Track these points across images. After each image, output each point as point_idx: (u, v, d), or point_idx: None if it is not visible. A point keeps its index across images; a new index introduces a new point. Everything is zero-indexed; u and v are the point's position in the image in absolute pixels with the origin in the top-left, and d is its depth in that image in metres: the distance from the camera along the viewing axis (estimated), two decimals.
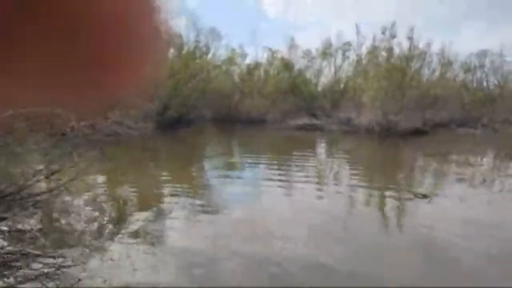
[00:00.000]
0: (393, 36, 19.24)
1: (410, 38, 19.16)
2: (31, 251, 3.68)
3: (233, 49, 33.52)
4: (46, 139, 7.09)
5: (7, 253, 3.70)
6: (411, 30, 19.08)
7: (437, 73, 28.44)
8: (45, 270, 3.64)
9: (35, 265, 3.64)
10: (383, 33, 19.61)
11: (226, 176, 9.16)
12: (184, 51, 23.99)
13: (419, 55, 24.67)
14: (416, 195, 6.46)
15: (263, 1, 60.22)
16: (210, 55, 27.12)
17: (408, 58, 19.17)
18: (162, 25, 0.22)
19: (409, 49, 19.35)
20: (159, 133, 16.80)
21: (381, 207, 6.19)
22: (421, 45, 23.87)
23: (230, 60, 33.21)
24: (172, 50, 24.13)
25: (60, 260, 3.79)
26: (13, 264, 3.46)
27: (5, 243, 3.78)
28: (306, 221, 5.41)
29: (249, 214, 5.78)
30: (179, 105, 20.93)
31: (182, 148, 14.80)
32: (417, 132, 18.93)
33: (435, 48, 31.18)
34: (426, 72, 28.72)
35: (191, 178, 9.14)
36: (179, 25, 23.85)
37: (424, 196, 6.39)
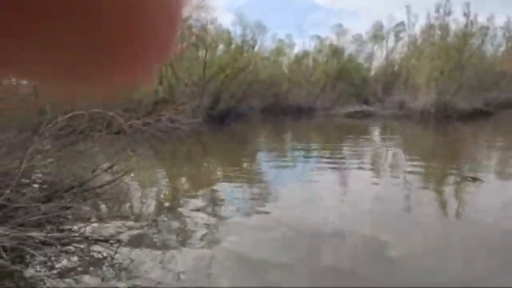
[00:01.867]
0: (447, 13, 18.04)
1: (466, 14, 17.82)
2: (90, 235, 4.15)
3: (280, 40, 33.56)
4: (104, 137, 7.79)
5: (74, 236, 4.22)
6: (468, 5, 17.72)
7: (502, 49, 26.12)
8: (104, 254, 4.09)
9: (95, 248, 4.10)
10: (437, 10, 18.46)
11: (284, 169, 8.97)
12: (232, 46, 24.50)
13: (480, 30, 22.89)
14: (466, 179, 6.17)
15: None
16: (257, 48, 27.44)
17: (465, 35, 17.82)
18: (177, 13, 0.22)
19: (466, 25, 18.00)
20: (210, 127, 17.39)
21: (441, 194, 5.90)
22: (482, 19, 22.18)
23: (278, 51, 33.27)
24: (221, 46, 24.84)
25: (116, 245, 4.22)
26: (75, 246, 3.95)
27: (69, 227, 4.29)
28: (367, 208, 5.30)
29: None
30: (228, 98, 21.47)
31: (234, 141, 15.21)
32: (478, 114, 17.60)
33: (500, 21, 28.66)
34: (489, 48, 26.57)
35: (245, 169, 9.26)
36: (226, 21, 24.36)
37: (474, 179, 6.08)
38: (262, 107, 25.02)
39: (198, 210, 5.58)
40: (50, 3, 0.16)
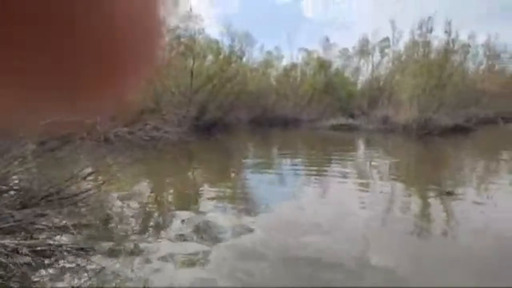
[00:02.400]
0: (429, 30, 18.61)
1: (447, 32, 18.42)
2: (67, 244, 4.11)
3: (269, 52, 33.98)
4: (88, 144, 7.73)
5: (47, 244, 4.17)
6: (449, 24, 18.33)
7: (482, 67, 26.99)
8: (79, 263, 4.06)
9: (70, 258, 4.06)
10: (419, 28, 19.03)
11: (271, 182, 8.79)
12: (220, 56, 24.69)
13: (462, 48, 23.59)
14: (442, 193, 6.33)
15: (302, 2, 60.10)
16: (245, 59, 27.75)
17: (446, 52, 18.38)
18: (163, 22, 0.22)
19: (447, 43, 18.58)
20: (196, 137, 17.37)
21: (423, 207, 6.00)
22: (463, 38, 22.90)
23: (267, 63, 33.66)
24: (210, 57, 25.01)
25: (91, 253, 4.20)
26: (51, 255, 3.91)
27: (44, 236, 4.25)
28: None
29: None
30: (215, 109, 21.55)
31: (219, 151, 15.22)
32: (459, 129, 18.08)
33: (481, 40, 29.60)
34: (470, 66, 27.42)
35: (230, 179, 9.28)
36: (215, 31, 24.63)
37: (449, 194, 6.25)
38: (249, 118, 25.18)
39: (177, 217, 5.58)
40: (35, 16, 0.16)
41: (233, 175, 9.93)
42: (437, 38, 19.06)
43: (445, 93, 18.15)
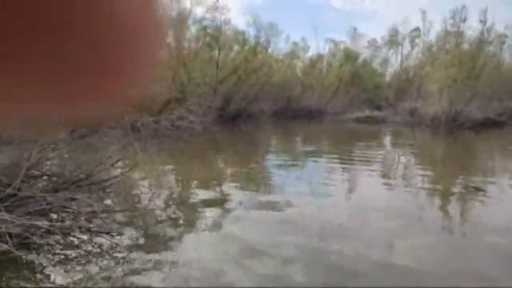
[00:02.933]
0: (463, 20, 17.83)
1: (482, 21, 17.58)
2: (94, 228, 4.30)
3: (294, 43, 33.65)
4: (115, 132, 7.96)
5: (78, 227, 4.39)
6: (484, 12, 17.49)
7: None
8: (105, 245, 4.25)
9: (97, 239, 4.25)
10: (452, 17, 18.27)
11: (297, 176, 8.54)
12: (246, 47, 24.68)
13: (497, 38, 22.54)
14: (469, 188, 6.16)
15: None
16: (271, 50, 27.65)
17: (480, 43, 17.57)
18: (163, 22, 0.22)
19: (481, 33, 17.75)
20: (220, 127, 17.54)
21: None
22: (500, 27, 21.81)
23: (293, 54, 33.36)
24: (236, 47, 25.07)
25: (118, 237, 4.37)
26: (78, 236, 4.11)
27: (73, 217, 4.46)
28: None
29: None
30: (240, 100, 21.64)
31: (243, 141, 15.30)
32: (491, 123, 17.35)
33: None
34: (507, 57, 26.10)
35: (253, 170, 9.29)
36: (242, 22, 24.62)
37: (477, 189, 6.07)
38: (273, 109, 25.13)
39: (204, 205, 5.72)
40: (33, 14, 0.16)
41: (256, 166, 9.91)
42: (471, 28, 18.30)
43: (477, 84, 17.41)
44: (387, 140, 16.20)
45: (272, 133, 18.65)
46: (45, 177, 5.54)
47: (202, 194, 6.51)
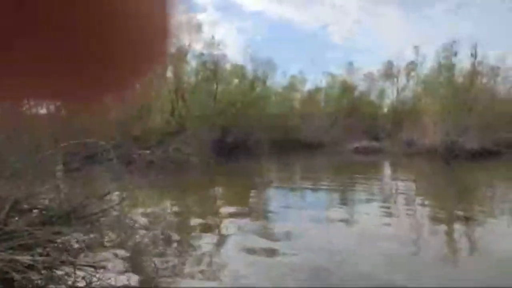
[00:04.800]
0: (454, 54, 18.33)
1: (473, 55, 18.07)
2: (76, 261, 4.27)
3: (293, 76, 34.46)
4: (109, 164, 8.04)
5: (61, 262, 4.35)
6: (475, 46, 18.01)
7: None
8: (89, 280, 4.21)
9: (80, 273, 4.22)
10: (443, 51, 18.81)
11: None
12: (245, 81, 25.26)
13: (491, 71, 23.03)
14: (459, 218, 6.12)
15: (328, 28, 60.92)
16: (269, 83, 28.34)
17: (472, 76, 17.97)
18: (169, 25, 0.22)
19: (473, 66, 18.18)
20: (217, 160, 17.53)
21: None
22: (493, 60, 22.33)
23: (291, 87, 34.09)
24: (235, 81, 25.66)
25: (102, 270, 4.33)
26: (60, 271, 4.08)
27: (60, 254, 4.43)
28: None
29: None
30: (237, 132, 21.87)
31: (239, 176, 15.26)
32: (487, 153, 17.44)
33: None
34: (502, 88, 26.49)
35: (245, 202, 9.15)
36: (242, 57, 25.45)
37: (467, 219, 6.03)
38: (271, 141, 25.29)
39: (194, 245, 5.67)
40: (33, 16, 0.16)
41: (254, 204, 9.53)
42: (462, 61, 18.76)
43: (470, 116, 17.65)
44: (388, 172, 16.22)
45: (270, 166, 18.65)
46: (35, 211, 5.54)
47: (196, 235, 6.42)
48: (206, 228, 6.65)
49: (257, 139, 23.47)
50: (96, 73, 0.19)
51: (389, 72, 32.40)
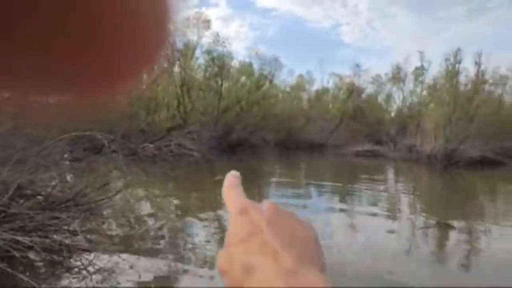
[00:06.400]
0: (458, 61, 18.38)
1: (477, 63, 18.12)
2: (73, 244, 4.62)
3: (301, 76, 34.61)
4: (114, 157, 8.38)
5: (59, 244, 4.70)
6: (479, 55, 18.06)
7: None
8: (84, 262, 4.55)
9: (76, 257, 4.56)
10: (446, 59, 18.88)
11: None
12: (252, 78, 25.47)
13: (499, 79, 22.97)
14: (439, 224, 6.34)
15: (340, 28, 60.95)
16: (277, 82, 28.54)
17: (475, 84, 18.03)
18: (165, 19, 0.21)
19: (476, 74, 18.24)
20: (219, 156, 17.84)
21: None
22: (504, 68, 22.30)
23: (299, 86, 34.22)
24: (243, 78, 25.88)
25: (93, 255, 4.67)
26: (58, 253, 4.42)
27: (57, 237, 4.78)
28: None
29: None
30: (241, 129, 22.16)
31: (241, 170, 15.52)
32: (489, 162, 17.51)
33: None
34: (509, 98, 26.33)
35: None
36: (249, 55, 25.67)
37: (447, 226, 6.25)
38: (274, 140, 25.57)
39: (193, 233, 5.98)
40: (32, 10, 0.15)
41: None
42: (466, 70, 18.79)
43: (472, 124, 17.71)
44: (382, 177, 16.40)
45: (272, 164, 18.90)
46: (39, 197, 5.89)
47: (194, 222, 6.73)
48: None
49: (261, 138, 23.76)
50: (97, 66, 0.19)
51: (397, 76, 32.34)
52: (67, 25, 0.16)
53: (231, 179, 0.47)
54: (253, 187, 10.83)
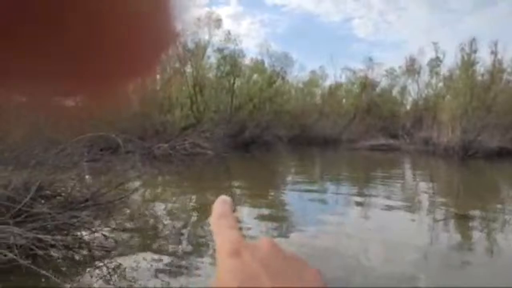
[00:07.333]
0: (474, 51, 17.97)
1: (493, 52, 17.66)
2: (92, 242, 4.74)
3: (313, 71, 34.36)
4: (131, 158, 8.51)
5: (79, 242, 4.83)
6: (495, 44, 17.61)
7: None
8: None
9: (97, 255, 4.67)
10: (462, 49, 18.47)
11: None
12: (264, 75, 25.46)
13: None
14: (456, 216, 6.26)
15: (352, 23, 60.34)
16: (289, 78, 28.44)
17: (492, 74, 17.59)
18: (173, 25, 0.21)
19: (493, 64, 17.79)
20: (233, 154, 17.90)
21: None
22: None
23: (312, 82, 34.00)
24: (255, 76, 25.89)
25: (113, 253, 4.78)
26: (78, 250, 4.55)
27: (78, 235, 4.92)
28: None
29: None
30: (254, 127, 22.19)
31: (253, 166, 15.60)
32: (506, 153, 17.08)
33: None
34: None
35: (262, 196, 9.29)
36: (260, 52, 25.62)
37: (463, 217, 6.16)
38: (288, 137, 25.49)
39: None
40: (33, 12, 0.15)
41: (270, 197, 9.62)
42: (482, 59, 18.37)
43: (490, 114, 17.33)
44: (399, 171, 16.19)
45: (287, 161, 18.86)
46: (59, 197, 6.06)
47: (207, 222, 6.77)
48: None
49: (274, 134, 23.73)
50: (103, 66, 0.19)
51: (411, 69, 31.82)
52: (67, 25, 0.17)
53: (221, 207, 0.36)
54: (267, 185, 10.87)
